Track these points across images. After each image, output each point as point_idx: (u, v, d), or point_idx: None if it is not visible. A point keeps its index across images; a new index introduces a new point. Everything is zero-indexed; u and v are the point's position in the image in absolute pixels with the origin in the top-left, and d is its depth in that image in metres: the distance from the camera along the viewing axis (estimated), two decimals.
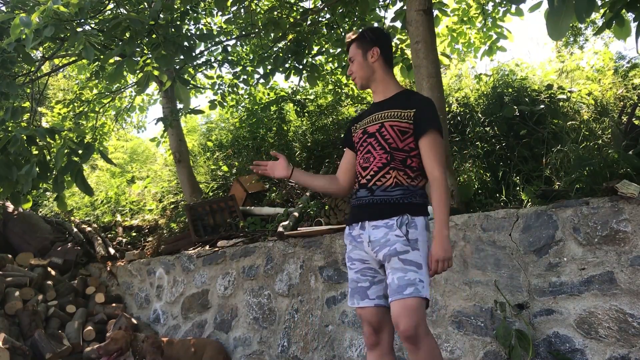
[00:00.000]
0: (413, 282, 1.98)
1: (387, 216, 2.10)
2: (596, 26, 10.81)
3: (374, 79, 2.28)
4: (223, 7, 5.24)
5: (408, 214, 2.08)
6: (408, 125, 2.15)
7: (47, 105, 9.18)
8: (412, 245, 2.04)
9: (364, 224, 2.15)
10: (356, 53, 2.28)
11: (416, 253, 2.04)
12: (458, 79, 6.87)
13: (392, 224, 2.08)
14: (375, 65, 2.26)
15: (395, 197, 2.11)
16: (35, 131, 3.48)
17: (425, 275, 2.03)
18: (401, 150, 2.15)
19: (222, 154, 7.49)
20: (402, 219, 2.07)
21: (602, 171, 3.32)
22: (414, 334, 1.95)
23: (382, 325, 2.13)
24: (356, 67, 2.29)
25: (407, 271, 2.00)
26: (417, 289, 1.97)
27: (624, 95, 5.12)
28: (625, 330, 2.67)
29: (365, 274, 2.17)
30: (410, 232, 2.05)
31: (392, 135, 2.16)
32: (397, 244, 2.04)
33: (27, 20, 3.01)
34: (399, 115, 2.17)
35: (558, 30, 2.38)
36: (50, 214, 7.07)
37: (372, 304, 2.13)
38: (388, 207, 2.11)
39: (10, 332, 4.16)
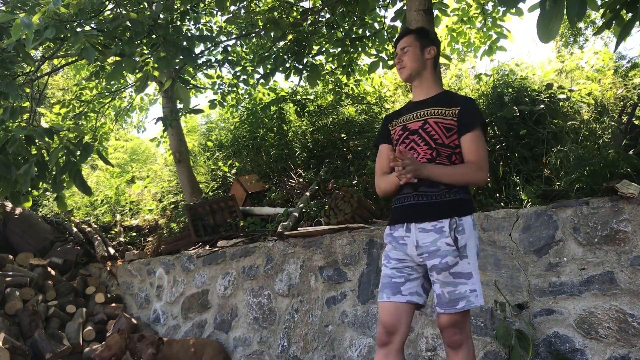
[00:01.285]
0: (464, 295, 2.01)
1: (435, 217, 2.07)
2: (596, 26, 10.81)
3: (423, 75, 2.29)
4: (223, 7, 5.24)
5: (456, 216, 2.06)
6: (453, 122, 2.15)
7: (46, 105, 9.18)
8: (461, 254, 2.03)
9: (410, 225, 2.12)
10: (414, 45, 2.28)
11: (465, 262, 2.03)
12: (458, 79, 6.87)
13: (441, 228, 2.05)
14: (428, 63, 2.29)
15: (439, 192, 2.08)
16: (33, 131, 3.48)
17: (477, 282, 2.04)
18: (447, 147, 2.14)
19: (222, 154, 7.49)
20: (451, 223, 2.04)
21: (602, 171, 3.32)
22: (458, 342, 2.04)
23: (397, 327, 2.10)
24: (411, 58, 2.27)
25: (457, 285, 2.02)
26: (469, 301, 2.01)
27: (624, 95, 5.12)
28: (625, 330, 2.67)
29: (401, 271, 2.15)
30: (459, 238, 2.03)
31: (437, 131, 2.15)
32: (448, 257, 2.02)
33: (29, 21, 3.01)
34: (443, 113, 2.17)
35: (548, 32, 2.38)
36: (50, 214, 7.08)
37: (404, 299, 2.11)
38: (434, 206, 2.08)
39: (10, 332, 4.16)
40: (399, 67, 2.31)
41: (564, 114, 4.90)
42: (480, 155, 2.09)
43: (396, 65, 2.34)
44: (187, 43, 3.99)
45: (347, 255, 3.75)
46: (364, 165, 5.39)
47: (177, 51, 3.73)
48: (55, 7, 3.09)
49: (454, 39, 6.62)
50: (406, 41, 2.29)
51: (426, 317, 3.29)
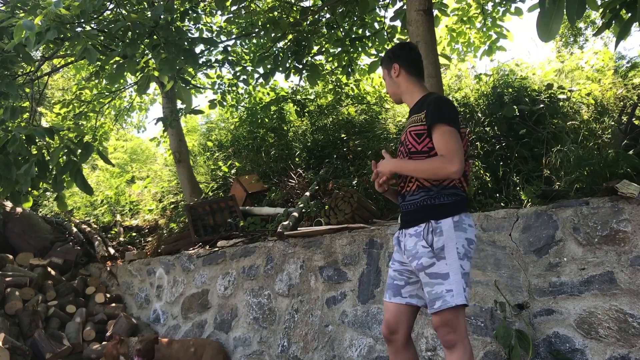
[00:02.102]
0: (440, 295, 2.07)
1: (415, 223, 2.18)
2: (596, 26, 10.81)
3: (402, 92, 2.38)
4: (223, 7, 5.25)
5: (432, 219, 2.13)
6: (422, 127, 2.19)
7: (46, 105, 9.18)
8: (437, 255, 2.10)
9: (403, 231, 2.28)
10: (383, 73, 2.43)
11: (442, 263, 2.09)
12: (458, 79, 6.87)
13: (419, 232, 2.16)
14: (399, 80, 2.36)
15: (419, 200, 2.19)
16: (34, 131, 3.48)
17: (454, 282, 2.07)
18: (420, 152, 2.20)
19: (222, 154, 7.49)
20: (427, 226, 2.13)
21: (602, 171, 3.32)
22: (447, 341, 2.12)
23: (398, 326, 2.26)
24: (387, 86, 2.43)
25: (434, 285, 2.09)
26: (445, 301, 2.07)
27: (624, 95, 5.12)
28: (625, 330, 2.67)
29: (402, 273, 2.28)
30: (435, 240, 2.11)
31: (410, 140, 2.24)
32: (424, 258, 2.12)
33: (30, 24, 3.01)
34: (416, 120, 2.23)
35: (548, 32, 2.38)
36: (50, 214, 7.08)
37: (404, 301, 2.26)
38: (414, 213, 2.20)
39: (10, 332, 4.16)
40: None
41: (564, 114, 4.90)
42: (448, 148, 2.09)
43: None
44: (188, 44, 3.99)
45: (347, 255, 3.76)
46: (364, 165, 5.40)
47: (178, 52, 3.73)
48: (56, 8, 3.09)
49: (454, 39, 6.63)
50: (382, 72, 2.44)
51: (426, 317, 3.29)
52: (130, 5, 4.74)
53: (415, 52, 2.39)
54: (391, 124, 6.26)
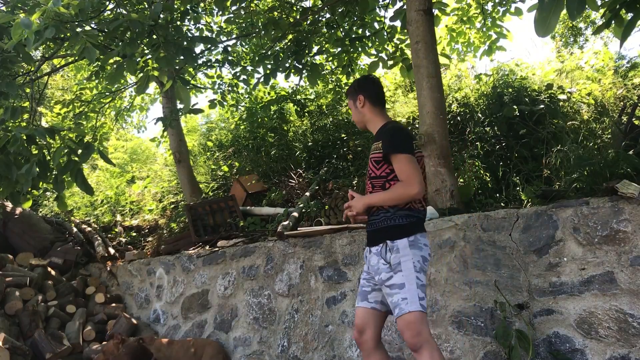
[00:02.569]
0: (397, 303, 2.29)
1: (376, 242, 2.44)
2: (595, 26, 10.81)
3: (367, 120, 2.61)
4: (223, 7, 5.25)
5: (388, 240, 2.37)
6: (379, 155, 2.43)
7: (46, 105, 9.18)
8: (394, 270, 2.32)
9: (369, 248, 2.51)
10: (349, 104, 2.67)
11: (399, 275, 2.31)
12: (458, 79, 6.87)
13: (380, 251, 2.40)
14: (364, 110, 2.59)
15: (378, 220, 2.43)
16: (34, 131, 3.48)
17: (409, 292, 2.29)
18: (378, 177, 2.45)
19: (222, 154, 7.49)
20: (385, 247, 2.37)
21: (602, 171, 3.32)
22: (413, 344, 2.27)
23: (365, 327, 2.48)
24: (353, 115, 2.67)
25: (393, 295, 2.32)
26: (400, 308, 2.28)
27: (624, 95, 5.12)
28: (625, 330, 2.67)
29: (369, 281, 2.53)
30: (392, 257, 2.34)
31: (371, 167, 2.49)
32: (383, 273, 2.36)
33: (28, 22, 3.01)
34: (375, 148, 2.47)
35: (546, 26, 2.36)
36: (50, 214, 7.08)
37: (370, 306, 2.49)
38: (375, 233, 2.45)
39: (10, 332, 4.16)
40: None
41: (564, 114, 4.90)
42: (405, 174, 2.34)
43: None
44: (187, 43, 3.99)
45: (347, 255, 3.76)
46: (364, 165, 5.40)
47: (177, 51, 3.73)
48: (55, 7, 3.09)
49: (454, 38, 6.63)
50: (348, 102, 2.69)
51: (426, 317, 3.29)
52: (130, 5, 4.74)
53: (378, 84, 2.64)
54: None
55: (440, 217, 3.59)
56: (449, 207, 3.82)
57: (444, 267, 3.30)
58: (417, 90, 4.11)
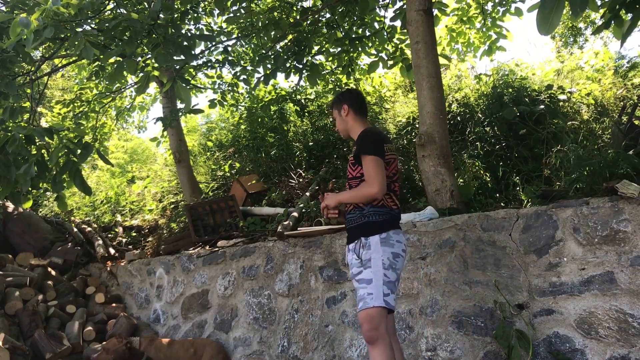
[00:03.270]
0: (362, 297, 2.44)
1: (351, 240, 2.61)
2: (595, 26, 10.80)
3: (349, 128, 2.79)
4: (223, 7, 5.24)
5: (362, 236, 2.53)
6: (352, 158, 2.67)
7: (46, 105, 9.18)
8: (364, 265, 2.48)
9: (347, 245, 2.66)
10: (334, 113, 2.86)
11: (368, 271, 2.46)
12: (458, 79, 6.87)
13: (354, 247, 2.56)
14: (348, 118, 2.78)
15: (354, 218, 2.60)
16: (33, 131, 3.48)
17: (375, 288, 2.42)
18: (354, 178, 2.64)
19: (222, 153, 7.49)
20: (359, 243, 2.53)
21: (602, 171, 3.32)
22: (370, 337, 2.39)
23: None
24: (337, 124, 2.86)
25: (359, 289, 2.48)
26: (365, 302, 2.42)
27: (624, 95, 5.12)
28: (625, 330, 2.67)
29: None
30: (363, 253, 2.50)
31: (348, 169, 2.71)
32: (354, 268, 2.54)
33: (26, 21, 3.01)
34: (353, 152, 2.69)
35: (548, 24, 2.36)
36: (50, 214, 7.08)
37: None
38: (351, 230, 2.62)
39: (10, 332, 4.16)
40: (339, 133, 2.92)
41: (564, 114, 4.90)
42: (368, 174, 2.50)
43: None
44: (187, 42, 3.99)
45: None
46: None
47: (177, 50, 3.73)
48: (54, 6, 3.09)
49: (454, 39, 6.62)
50: (332, 113, 2.88)
51: (426, 317, 3.29)
52: (130, 5, 4.74)
53: (361, 95, 2.88)
54: (391, 124, 6.26)
55: (440, 217, 3.59)
56: (449, 207, 3.82)
57: (444, 267, 3.30)
58: (417, 90, 4.11)
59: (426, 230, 3.45)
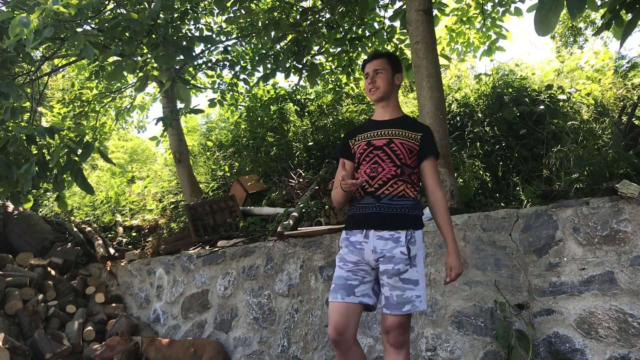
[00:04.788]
0: (410, 299, 2.23)
1: (394, 228, 2.27)
2: (596, 26, 10.81)
3: (391, 98, 2.49)
4: (223, 7, 5.24)
5: (412, 228, 2.29)
6: (415, 145, 2.39)
7: (46, 104, 9.18)
8: (412, 263, 2.25)
9: (369, 232, 2.31)
10: (386, 69, 2.45)
11: (414, 270, 2.25)
12: (458, 79, 6.87)
13: (399, 238, 2.26)
14: (396, 88, 2.51)
15: (404, 206, 2.31)
16: (34, 130, 3.48)
17: (422, 289, 2.26)
18: (408, 167, 2.36)
19: (222, 153, 7.49)
20: (407, 234, 2.27)
21: (602, 171, 3.32)
22: (403, 343, 2.26)
23: (347, 326, 2.25)
24: (384, 81, 2.44)
25: (405, 290, 2.23)
26: (414, 305, 2.23)
27: (624, 95, 5.12)
28: (625, 330, 2.67)
29: (356, 273, 2.33)
30: (412, 249, 2.26)
31: (402, 151, 2.36)
32: (400, 264, 2.23)
33: (26, 20, 3.01)
34: (408, 136, 2.39)
35: (546, 25, 2.35)
36: (50, 214, 7.08)
37: (357, 300, 2.29)
38: (395, 217, 2.29)
39: (10, 332, 4.16)
40: (370, 87, 2.45)
41: (564, 114, 4.90)
42: (439, 182, 2.39)
43: (366, 86, 2.48)
44: (187, 42, 3.99)
45: None
46: None
47: (176, 50, 3.73)
48: (54, 6, 3.09)
49: (453, 39, 6.63)
50: (379, 64, 2.45)
51: (426, 317, 3.29)
52: (130, 5, 4.74)
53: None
54: None
55: None
56: (449, 207, 3.81)
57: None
58: (417, 90, 4.11)
59: (426, 230, 3.45)
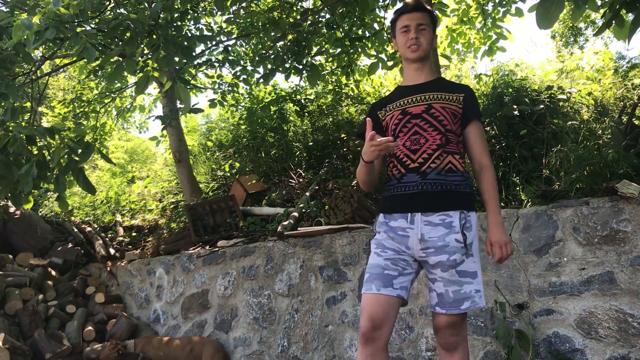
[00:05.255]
0: (469, 295, 1.92)
1: (444, 208, 1.93)
2: (596, 26, 10.82)
3: (429, 59, 2.15)
4: (223, 7, 5.24)
5: (465, 209, 1.95)
6: (458, 108, 2.05)
7: (47, 104, 9.18)
8: (468, 252, 1.93)
9: (414, 217, 1.95)
10: (429, 26, 2.12)
11: (471, 260, 1.94)
12: (458, 79, 6.87)
13: (450, 222, 1.93)
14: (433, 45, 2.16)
15: (453, 182, 1.96)
16: (34, 130, 3.48)
17: (481, 283, 1.96)
18: (454, 133, 2.02)
19: (222, 153, 7.50)
20: (461, 216, 1.93)
21: (602, 171, 3.32)
22: (455, 344, 1.96)
23: (385, 321, 1.90)
24: (427, 39, 2.09)
25: (463, 284, 1.92)
26: (474, 302, 1.93)
27: (624, 95, 5.12)
28: (625, 330, 2.67)
29: (396, 263, 1.97)
30: (467, 235, 1.93)
31: (445, 116, 2.01)
32: (457, 254, 1.91)
33: (29, 22, 3.01)
34: (449, 99, 2.04)
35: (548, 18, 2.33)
36: (50, 214, 7.08)
37: (395, 293, 1.93)
38: (445, 195, 1.94)
39: (10, 332, 4.16)
40: (413, 42, 2.05)
41: (564, 114, 4.90)
42: (486, 148, 2.05)
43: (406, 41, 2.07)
44: (187, 43, 3.99)
45: (347, 255, 3.75)
46: None
47: (177, 50, 3.73)
48: (55, 8, 3.09)
49: (454, 39, 6.62)
50: (424, 19, 2.09)
51: (426, 317, 3.29)
52: (130, 5, 4.74)
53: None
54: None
55: None
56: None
57: None
58: None
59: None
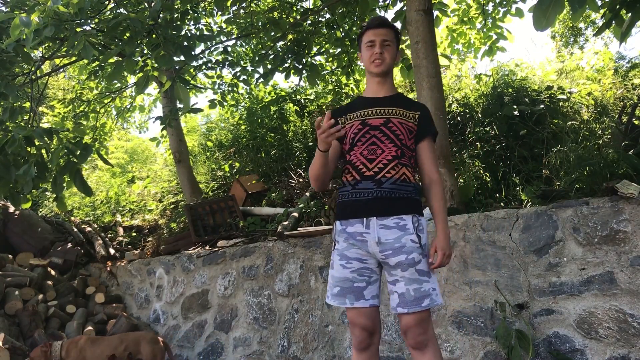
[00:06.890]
0: (428, 292, 2.00)
1: (398, 212, 2.03)
2: (596, 26, 10.81)
3: (390, 74, 2.26)
4: (223, 7, 5.24)
5: (417, 214, 2.08)
6: (414, 125, 2.17)
7: (47, 104, 9.18)
8: (423, 252, 2.04)
9: (370, 221, 2.04)
10: (394, 42, 2.22)
11: (425, 260, 2.04)
12: (458, 79, 6.87)
13: (405, 225, 2.03)
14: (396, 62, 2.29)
15: (407, 191, 2.07)
16: (33, 131, 3.48)
17: (435, 282, 2.05)
18: (408, 148, 2.15)
19: (222, 154, 7.49)
20: (414, 220, 2.05)
21: (602, 171, 3.32)
22: (424, 342, 2.01)
23: (376, 328, 2.08)
24: (391, 54, 2.20)
25: (422, 282, 2.00)
26: (432, 299, 2.00)
27: (624, 95, 5.12)
28: (625, 330, 2.67)
29: (362, 274, 2.06)
30: (422, 237, 2.05)
31: (402, 131, 2.13)
32: (414, 254, 2.01)
33: (27, 20, 3.01)
34: (406, 115, 2.17)
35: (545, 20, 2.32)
36: (50, 214, 7.08)
37: (368, 304, 2.05)
38: (399, 202, 2.04)
39: (10, 332, 4.16)
40: (377, 57, 2.17)
41: (564, 114, 4.90)
42: (436, 163, 2.18)
43: (371, 55, 2.19)
44: (187, 42, 3.99)
45: None
46: None
47: (177, 50, 3.73)
48: (54, 6, 3.09)
49: (454, 39, 6.62)
50: (389, 35, 2.19)
51: None
52: (130, 5, 4.74)
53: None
54: None
55: None
56: (449, 207, 3.82)
57: (444, 267, 3.29)
58: (417, 90, 4.11)
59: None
